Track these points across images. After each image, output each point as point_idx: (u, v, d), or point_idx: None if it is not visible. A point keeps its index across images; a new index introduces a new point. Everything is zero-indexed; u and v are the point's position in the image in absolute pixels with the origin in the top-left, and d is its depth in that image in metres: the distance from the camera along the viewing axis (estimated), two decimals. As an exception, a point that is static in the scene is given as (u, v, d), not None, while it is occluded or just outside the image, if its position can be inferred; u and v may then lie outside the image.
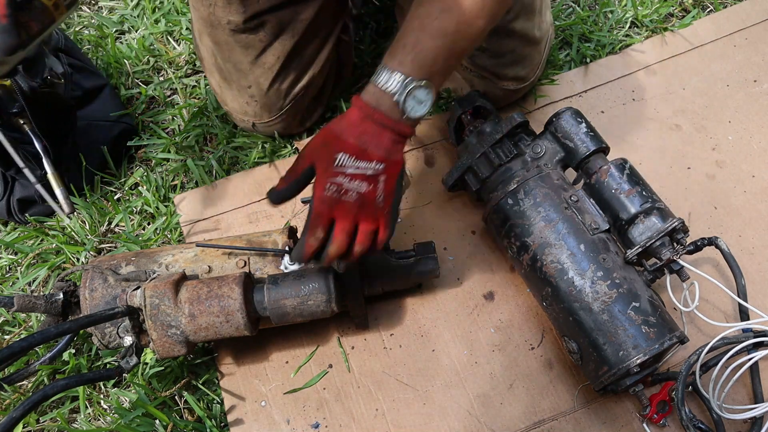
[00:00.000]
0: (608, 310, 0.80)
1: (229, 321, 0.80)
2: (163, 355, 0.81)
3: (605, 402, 0.89)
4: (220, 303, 0.80)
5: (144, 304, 0.79)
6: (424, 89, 0.71)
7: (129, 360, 0.81)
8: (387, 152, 0.73)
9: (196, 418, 0.90)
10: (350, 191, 0.72)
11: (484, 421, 0.89)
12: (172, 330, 0.80)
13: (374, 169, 0.72)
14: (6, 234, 1.10)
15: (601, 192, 0.86)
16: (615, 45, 1.19)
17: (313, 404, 0.91)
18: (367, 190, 0.73)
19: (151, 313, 0.79)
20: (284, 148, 1.13)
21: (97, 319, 0.77)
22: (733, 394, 0.88)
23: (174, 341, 0.80)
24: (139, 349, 0.82)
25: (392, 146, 0.73)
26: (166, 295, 0.79)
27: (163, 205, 1.09)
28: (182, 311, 0.79)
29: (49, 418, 0.92)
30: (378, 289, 0.91)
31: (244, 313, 0.80)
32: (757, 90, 1.14)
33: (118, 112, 1.16)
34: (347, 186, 0.72)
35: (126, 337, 0.83)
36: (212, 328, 0.80)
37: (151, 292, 0.79)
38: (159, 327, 0.79)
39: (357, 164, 0.72)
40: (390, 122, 0.72)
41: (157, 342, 0.80)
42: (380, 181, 0.73)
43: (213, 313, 0.80)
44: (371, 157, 0.72)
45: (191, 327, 0.80)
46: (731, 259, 0.89)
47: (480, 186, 0.96)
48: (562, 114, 0.92)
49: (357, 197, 0.72)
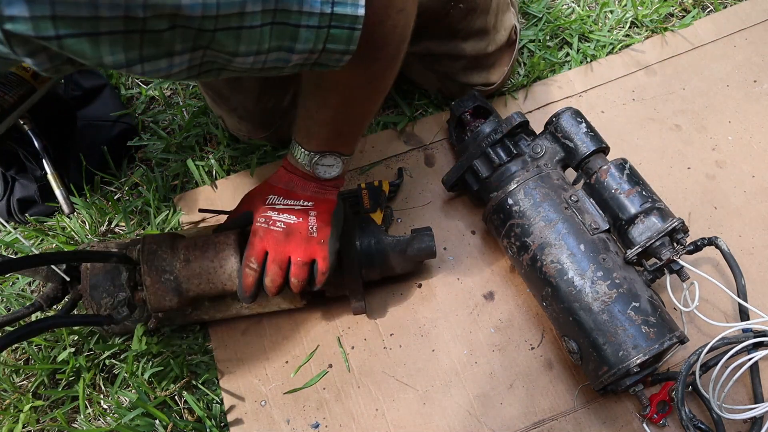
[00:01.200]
0: (608, 310, 0.80)
1: (222, 266, 0.81)
2: (155, 304, 0.81)
3: (605, 402, 0.89)
4: (215, 248, 0.82)
5: (142, 250, 0.81)
6: (329, 157, 0.78)
7: (120, 311, 0.81)
8: (314, 193, 0.81)
9: (196, 418, 0.90)
10: (278, 222, 0.79)
11: (484, 421, 0.89)
12: (165, 276, 0.80)
13: (302, 205, 0.80)
14: (6, 234, 1.10)
15: (601, 192, 0.86)
16: (615, 45, 1.19)
17: (313, 404, 0.91)
18: (296, 222, 0.79)
19: (148, 258, 0.80)
20: (284, 149, 1.13)
21: (90, 255, 0.79)
22: (733, 394, 0.88)
23: (167, 288, 0.80)
24: (131, 305, 0.82)
25: (319, 190, 0.81)
26: (165, 242, 0.82)
27: (163, 205, 1.09)
28: (178, 257, 0.81)
29: (49, 418, 0.92)
30: (376, 271, 0.91)
31: (238, 258, 0.81)
32: (757, 90, 1.14)
33: (118, 112, 1.16)
34: (275, 217, 0.79)
35: (120, 293, 0.84)
36: (205, 274, 0.81)
37: (149, 240, 0.82)
38: (153, 272, 0.80)
39: (285, 201, 0.80)
40: (312, 178, 0.81)
41: (150, 289, 0.80)
42: (311, 215, 0.80)
43: (208, 258, 0.81)
44: (298, 197, 0.81)
45: (185, 273, 0.81)
46: (731, 259, 0.89)
47: (480, 186, 0.96)
48: (562, 114, 0.92)
49: (285, 227, 0.79)
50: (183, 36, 0.49)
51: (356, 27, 0.57)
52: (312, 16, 0.54)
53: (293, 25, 0.54)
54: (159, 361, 0.94)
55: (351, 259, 0.87)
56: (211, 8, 0.48)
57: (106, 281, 0.84)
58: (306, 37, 0.56)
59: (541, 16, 1.23)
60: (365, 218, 0.94)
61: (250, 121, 1.05)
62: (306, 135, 0.78)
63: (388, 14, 0.60)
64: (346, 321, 0.96)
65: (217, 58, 0.54)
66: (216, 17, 0.49)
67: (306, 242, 0.79)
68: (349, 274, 0.88)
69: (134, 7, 0.44)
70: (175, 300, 0.81)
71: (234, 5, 0.49)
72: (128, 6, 0.44)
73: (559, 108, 0.94)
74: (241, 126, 1.08)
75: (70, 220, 1.08)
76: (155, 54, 0.49)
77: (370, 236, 0.91)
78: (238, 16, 0.50)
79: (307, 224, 0.79)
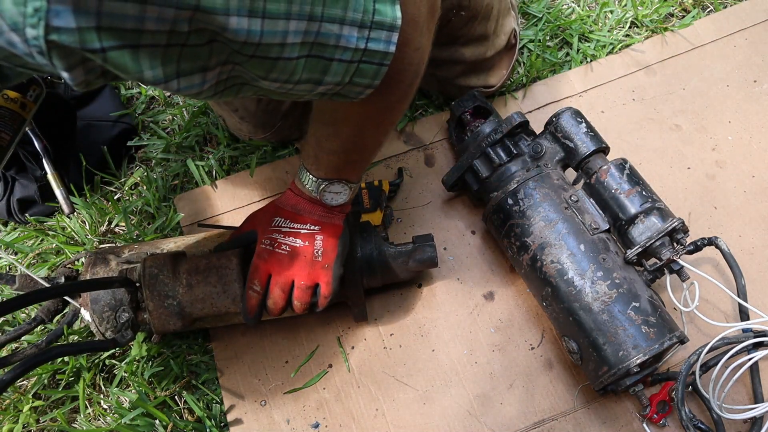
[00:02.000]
0: (608, 310, 0.80)
1: (226, 291, 0.80)
2: (159, 328, 0.81)
3: (605, 402, 0.89)
4: (218, 273, 0.81)
5: (143, 274, 0.79)
6: (337, 185, 0.78)
7: (125, 334, 0.81)
8: (321, 218, 0.80)
9: (196, 418, 0.90)
10: (283, 245, 0.79)
11: (484, 421, 0.89)
12: (168, 301, 0.80)
13: (308, 228, 0.80)
14: (6, 234, 1.10)
15: (601, 192, 0.86)
16: (615, 45, 1.19)
17: (313, 404, 0.91)
18: (302, 246, 0.79)
19: (149, 283, 0.79)
20: (284, 149, 1.13)
21: (93, 284, 0.77)
22: (733, 394, 0.88)
23: (170, 313, 0.80)
24: (135, 325, 0.82)
25: (326, 214, 0.80)
26: (165, 266, 0.80)
27: (163, 205, 1.09)
28: (180, 281, 0.80)
29: (49, 418, 0.92)
30: (377, 280, 0.91)
31: (241, 283, 0.80)
32: (757, 90, 1.14)
33: (118, 112, 1.16)
34: (280, 240, 0.79)
35: (123, 313, 0.83)
36: (209, 299, 0.80)
37: (150, 263, 0.80)
38: (156, 297, 0.79)
39: (291, 225, 0.80)
40: (319, 203, 0.80)
41: (154, 313, 0.80)
42: (317, 239, 0.79)
43: (210, 283, 0.80)
44: (305, 220, 0.80)
45: (188, 298, 0.80)
46: (731, 259, 0.89)
47: (480, 186, 0.96)
48: (562, 114, 0.92)
49: (290, 250, 0.78)
50: (219, 50, 0.49)
51: (385, 63, 0.57)
52: (346, 51, 0.55)
53: (327, 58, 0.55)
54: (159, 361, 0.94)
55: (352, 270, 0.87)
56: (255, 36, 0.48)
57: (107, 294, 0.83)
58: (336, 70, 0.56)
59: (541, 16, 1.23)
60: (366, 226, 0.93)
61: (251, 121, 1.05)
62: (315, 162, 0.77)
63: (405, 52, 0.60)
64: (346, 321, 0.96)
65: (244, 74, 0.54)
66: (257, 45, 0.49)
67: (310, 266, 0.79)
68: (351, 285, 0.87)
69: (181, 21, 0.44)
70: (179, 323, 0.81)
71: (276, 35, 0.49)
72: (175, 20, 0.43)
73: (559, 108, 0.94)
74: (242, 126, 1.08)
75: (70, 220, 1.08)
76: (191, 69, 0.49)
77: (372, 246, 0.90)
78: (279, 47, 0.50)
79: (313, 248, 0.79)
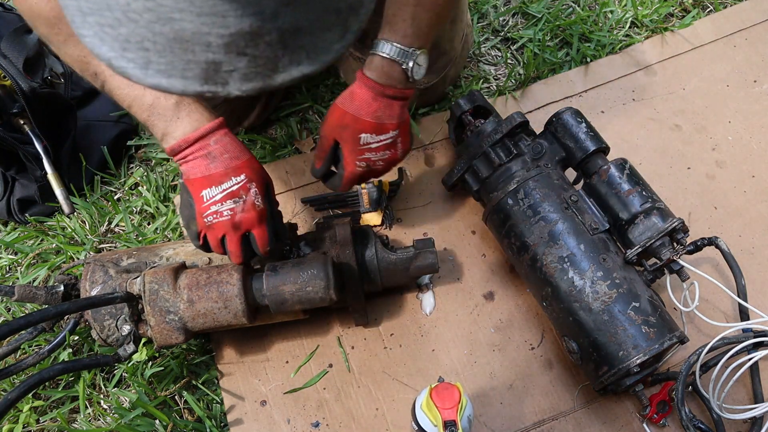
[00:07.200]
0: (608, 310, 0.80)
1: (227, 307, 0.80)
2: (161, 342, 0.81)
3: (605, 402, 0.89)
4: (218, 289, 0.80)
5: (143, 290, 0.79)
6: (422, 55, 0.80)
7: (126, 348, 0.81)
8: (399, 118, 0.83)
9: (196, 418, 0.90)
10: (378, 161, 0.85)
11: (484, 421, 0.89)
12: (170, 316, 0.80)
13: (392, 137, 0.84)
14: (6, 234, 1.10)
15: (601, 192, 0.86)
16: (615, 45, 1.19)
17: (313, 404, 0.91)
18: (391, 154, 0.85)
19: (150, 299, 0.79)
20: (284, 148, 1.13)
21: (96, 301, 0.77)
22: (733, 394, 0.88)
23: (172, 328, 0.80)
24: (137, 338, 0.82)
25: (401, 111, 0.84)
26: (166, 281, 0.80)
27: (163, 205, 1.09)
28: (181, 297, 0.80)
29: (49, 418, 0.92)
30: (377, 284, 0.91)
31: (243, 299, 0.80)
32: (757, 90, 1.14)
33: (118, 112, 1.16)
34: (374, 158, 0.84)
35: (124, 326, 0.83)
36: (210, 314, 0.80)
37: (150, 278, 0.80)
38: (157, 313, 0.79)
39: (378, 139, 0.83)
40: (398, 92, 0.81)
41: (155, 329, 0.80)
42: (398, 142, 0.85)
43: (211, 299, 0.80)
44: (388, 128, 0.83)
45: (189, 313, 0.80)
46: (731, 259, 0.89)
47: (480, 186, 0.96)
48: (562, 114, 0.92)
49: (384, 164, 0.86)
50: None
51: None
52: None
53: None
54: (159, 361, 0.94)
55: (353, 278, 0.86)
56: None
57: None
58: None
59: (541, 16, 1.23)
60: (365, 232, 0.92)
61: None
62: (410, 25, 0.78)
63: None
64: (346, 321, 0.96)
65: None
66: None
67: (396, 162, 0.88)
68: (352, 292, 0.87)
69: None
70: (182, 338, 0.81)
71: None
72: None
73: (559, 108, 0.94)
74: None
75: (70, 220, 1.08)
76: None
77: (372, 253, 0.90)
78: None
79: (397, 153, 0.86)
